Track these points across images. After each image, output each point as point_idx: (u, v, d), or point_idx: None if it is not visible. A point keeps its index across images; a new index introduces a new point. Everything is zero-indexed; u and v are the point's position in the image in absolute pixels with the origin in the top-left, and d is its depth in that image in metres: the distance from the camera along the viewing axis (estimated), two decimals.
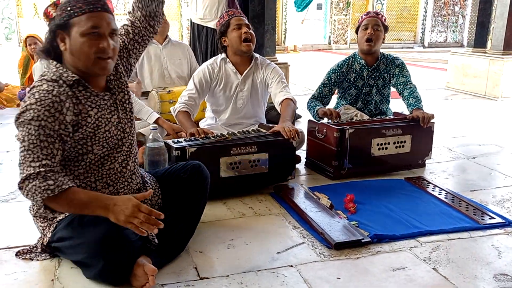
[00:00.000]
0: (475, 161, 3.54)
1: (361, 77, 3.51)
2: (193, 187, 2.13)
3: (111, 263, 1.73)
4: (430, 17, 17.27)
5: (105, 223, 1.70)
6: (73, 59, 1.79)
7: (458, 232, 2.32)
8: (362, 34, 3.45)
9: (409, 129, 3.16)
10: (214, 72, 3.16)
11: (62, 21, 1.75)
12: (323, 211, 2.46)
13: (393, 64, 3.52)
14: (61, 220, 1.85)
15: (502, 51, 6.38)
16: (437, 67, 10.52)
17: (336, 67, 3.54)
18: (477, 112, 5.57)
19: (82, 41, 1.75)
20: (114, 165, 1.92)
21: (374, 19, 3.42)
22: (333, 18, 16.12)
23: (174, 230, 2.00)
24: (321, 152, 3.13)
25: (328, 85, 3.52)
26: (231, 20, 3.07)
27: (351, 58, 3.56)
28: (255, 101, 3.26)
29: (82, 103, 1.80)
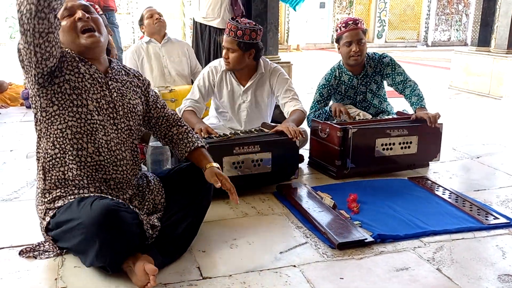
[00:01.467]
0: (479, 160, 3.52)
1: (351, 87, 3.46)
2: (197, 188, 2.13)
3: (108, 243, 1.71)
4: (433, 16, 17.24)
5: (102, 204, 1.72)
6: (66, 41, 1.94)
7: (462, 232, 2.30)
8: (346, 50, 3.33)
9: (416, 130, 3.13)
10: (216, 78, 3.13)
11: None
12: (326, 211, 2.45)
13: (382, 64, 3.42)
14: (60, 207, 1.87)
15: (506, 50, 6.36)
16: (440, 66, 10.50)
17: (325, 81, 3.48)
18: (481, 111, 5.56)
19: (63, 25, 1.90)
20: (107, 139, 1.96)
21: (355, 32, 3.29)
22: (336, 17, 16.10)
23: (178, 231, 2.00)
24: (324, 151, 3.12)
25: (322, 101, 3.48)
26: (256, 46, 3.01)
27: (337, 69, 3.48)
28: (259, 111, 3.23)
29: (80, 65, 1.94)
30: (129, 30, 13.73)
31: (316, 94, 3.51)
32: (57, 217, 1.87)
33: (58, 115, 1.89)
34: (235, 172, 2.66)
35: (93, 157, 1.93)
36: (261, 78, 3.15)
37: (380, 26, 16.63)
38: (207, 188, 2.16)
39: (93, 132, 1.92)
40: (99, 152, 1.94)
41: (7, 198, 2.70)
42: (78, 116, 1.90)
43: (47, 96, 1.87)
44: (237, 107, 3.19)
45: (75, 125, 1.90)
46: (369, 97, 3.50)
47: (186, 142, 2.19)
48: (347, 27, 3.32)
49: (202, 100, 3.13)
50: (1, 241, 2.17)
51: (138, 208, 2.00)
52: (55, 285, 1.82)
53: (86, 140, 1.91)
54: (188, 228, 2.06)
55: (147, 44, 4.11)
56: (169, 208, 2.08)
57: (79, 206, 1.80)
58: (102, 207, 1.71)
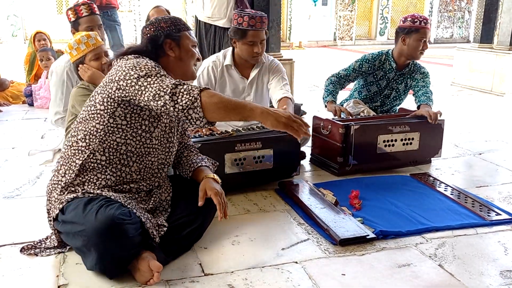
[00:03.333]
0: (481, 157, 3.51)
1: (386, 77, 3.46)
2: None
3: (107, 254, 1.73)
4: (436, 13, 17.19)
5: (107, 215, 1.71)
6: (178, 64, 2.07)
7: (464, 229, 2.30)
8: (416, 45, 3.31)
9: (417, 126, 3.14)
10: (217, 72, 3.12)
11: (172, 32, 2.05)
12: (328, 207, 2.45)
13: (419, 71, 3.48)
14: (69, 203, 1.85)
15: (509, 47, 6.34)
16: (443, 63, 10.47)
17: (370, 58, 3.45)
18: (484, 108, 5.54)
19: (192, 50, 2.10)
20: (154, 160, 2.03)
21: (429, 32, 3.35)
22: (339, 14, 16.06)
23: (183, 232, 2.01)
24: (326, 148, 3.11)
25: (357, 72, 3.45)
26: (249, 33, 2.93)
27: (384, 55, 3.46)
28: (261, 103, 3.21)
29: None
30: (131, 28, 13.73)
31: (355, 62, 3.46)
32: (64, 215, 1.86)
33: (123, 130, 1.91)
34: (236, 168, 2.66)
35: (133, 175, 1.98)
36: (262, 69, 3.15)
37: (383, 23, 16.58)
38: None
39: (144, 155, 1.97)
40: (139, 172, 1.99)
41: (9, 196, 2.70)
42: (139, 139, 1.95)
43: (125, 110, 1.90)
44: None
45: (132, 145, 1.94)
46: (393, 96, 3.51)
47: (193, 162, 2.19)
48: (426, 24, 3.33)
49: None
50: (3, 238, 2.17)
51: (144, 200, 2.01)
52: (57, 282, 1.82)
53: (134, 160, 1.96)
54: (193, 231, 2.06)
55: None
56: (177, 209, 2.06)
57: (84, 211, 1.78)
58: (106, 218, 1.70)
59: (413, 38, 3.32)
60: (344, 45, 15.91)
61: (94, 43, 2.67)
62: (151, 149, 1.99)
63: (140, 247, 1.83)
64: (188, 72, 2.10)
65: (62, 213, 1.87)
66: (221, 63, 3.13)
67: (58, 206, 1.89)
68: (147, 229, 1.84)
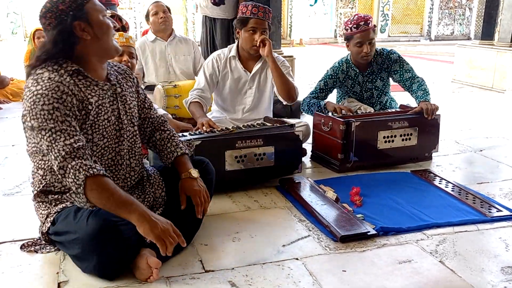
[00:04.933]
0: (482, 153, 3.51)
1: (357, 82, 3.45)
2: None
3: (105, 258, 1.73)
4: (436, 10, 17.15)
5: (98, 219, 1.69)
6: (97, 44, 1.82)
7: (465, 225, 2.29)
8: (356, 50, 3.28)
9: (416, 122, 3.14)
10: (221, 64, 3.14)
11: (76, 12, 1.77)
12: (328, 204, 2.45)
13: (390, 60, 3.39)
14: (59, 213, 1.84)
15: (509, 43, 6.33)
16: (443, 60, 10.46)
17: (332, 72, 3.44)
18: (484, 104, 5.53)
19: (105, 22, 1.84)
20: (113, 156, 1.92)
21: (367, 33, 3.24)
22: (339, 11, 16.04)
23: (179, 225, 1.97)
24: (327, 145, 3.11)
25: (325, 90, 3.45)
26: (250, 20, 2.98)
27: (344, 63, 3.44)
28: (263, 98, 3.24)
29: (83, 91, 1.80)
30: (131, 25, 13.70)
31: (320, 82, 3.46)
32: (55, 226, 1.85)
33: None
34: (237, 166, 2.65)
35: None
36: (265, 63, 3.15)
37: (383, 21, 16.56)
38: (208, 180, 2.14)
39: (99, 160, 1.86)
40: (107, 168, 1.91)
41: (9, 193, 2.70)
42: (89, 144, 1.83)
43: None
44: (243, 93, 3.19)
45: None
46: (376, 94, 3.49)
47: (169, 151, 2.09)
48: (359, 28, 3.25)
49: (208, 88, 3.12)
50: (3, 235, 2.17)
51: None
52: (57, 279, 1.82)
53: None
54: (190, 222, 2.05)
55: (153, 42, 4.07)
56: (171, 202, 2.06)
57: (75, 218, 1.76)
58: (98, 222, 1.68)
59: (352, 44, 3.32)
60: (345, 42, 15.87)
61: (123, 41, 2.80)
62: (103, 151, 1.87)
63: (139, 245, 1.83)
64: (110, 48, 1.87)
65: (53, 224, 1.86)
66: (226, 55, 3.16)
67: (49, 219, 1.88)
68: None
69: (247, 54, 3.13)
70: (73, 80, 1.79)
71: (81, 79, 1.82)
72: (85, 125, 1.80)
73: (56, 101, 1.69)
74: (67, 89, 1.74)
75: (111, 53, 1.90)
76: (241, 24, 3.03)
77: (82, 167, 1.67)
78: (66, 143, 1.68)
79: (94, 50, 1.84)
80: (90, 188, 1.67)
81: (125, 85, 2.01)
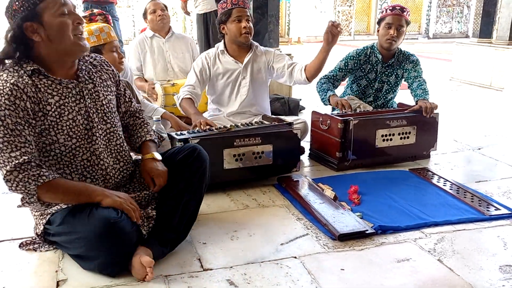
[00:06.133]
0: (480, 152, 3.51)
1: (374, 70, 3.47)
2: (191, 170, 2.02)
3: (110, 255, 1.73)
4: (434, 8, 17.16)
5: (100, 218, 1.69)
6: (51, 46, 1.76)
7: (463, 223, 2.30)
8: (384, 32, 3.36)
9: (414, 120, 3.14)
10: (211, 61, 3.17)
11: (27, 12, 1.70)
12: (327, 202, 2.45)
13: (408, 60, 3.48)
14: (54, 214, 1.83)
15: (507, 41, 6.33)
16: (442, 58, 10.47)
17: (355, 54, 3.48)
18: (483, 102, 5.54)
19: (59, 22, 1.73)
20: (88, 156, 1.88)
21: (398, 18, 3.32)
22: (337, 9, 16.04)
23: (175, 217, 1.95)
24: (325, 143, 3.11)
25: (344, 70, 3.47)
26: (233, 11, 3.04)
27: (369, 48, 3.50)
28: (258, 88, 3.25)
29: (42, 91, 1.77)
30: (129, 23, 13.69)
31: (341, 62, 3.49)
32: (53, 227, 1.84)
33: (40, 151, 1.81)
34: (236, 164, 2.65)
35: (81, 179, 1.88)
36: (256, 54, 3.20)
37: None
38: (202, 170, 2.05)
39: (71, 161, 1.85)
40: (84, 176, 1.89)
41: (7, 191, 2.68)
42: (53, 154, 1.82)
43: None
44: (238, 85, 3.20)
45: (53, 163, 1.83)
46: (385, 89, 3.51)
47: (138, 135, 2.13)
48: (393, 11, 3.36)
49: (199, 84, 3.14)
50: (2, 234, 2.17)
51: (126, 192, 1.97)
52: (56, 277, 1.82)
53: (68, 172, 1.86)
54: (186, 213, 1.99)
55: (151, 38, 4.07)
56: (164, 193, 2.00)
57: (75, 218, 1.76)
58: (100, 220, 1.68)
59: (381, 26, 3.41)
60: (343, 40, 15.88)
61: (105, 38, 2.67)
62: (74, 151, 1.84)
63: (137, 242, 1.83)
64: (68, 49, 1.78)
65: (48, 224, 1.85)
66: (214, 52, 3.21)
67: (42, 221, 1.87)
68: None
69: (236, 47, 3.16)
70: (31, 80, 1.75)
71: (41, 79, 1.78)
72: (45, 126, 1.77)
73: (8, 107, 1.67)
74: (21, 92, 1.70)
75: (72, 53, 1.82)
76: (225, 17, 3.07)
77: (30, 177, 1.67)
78: (12, 155, 1.66)
79: (50, 51, 1.78)
80: (44, 194, 1.71)
81: (98, 79, 1.96)
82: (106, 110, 1.95)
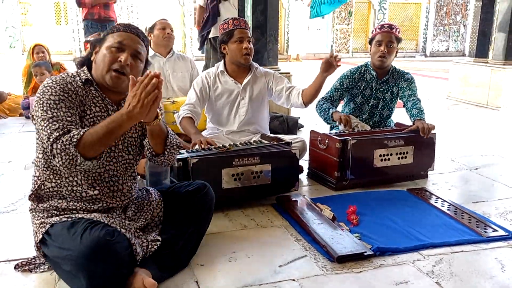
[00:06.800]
0: (477, 172, 3.52)
1: (369, 87, 3.52)
2: (198, 206, 2.12)
3: (97, 276, 1.70)
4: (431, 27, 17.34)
5: (92, 237, 1.69)
6: (95, 68, 1.95)
7: (461, 245, 2.30)
8: (375, 50, 3.44)
9: (412, 140, 3.16)
10: (211, 81, 3.21)
11: (101, 37, 1.99)
12: (325, 223, 2.45)
13: (402, 78, 3.53)
14: (53, 225, 1.84)
15: (503, 61, 6.40)
16: (439, 76, 10.55)
17: (349, 73, 3.55)
18: (479, 122, 5.57)
19: (105, 52, 1.92)
20: (102, 171, 1.93)
21: (388, 35, 3.40)
22: (335, 27, 16.19)
23: (177, 246, 1.99)
24: (323, 162, 3.12)
25: (340, 90, 3.52)
26: (235, 32, 3.08)
27: (363, 66, 3.57)
28: (256, 108, 3.28)
29: (88, 98, 1.91)
30: None
31: (336, 82, 3.56)
32: (49, 240, 1.84)
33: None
34: (234, 183, 2.66)
35: (88, 192, 1.92)
36: (255, 75, 3.24)
37: None
38: (208, 207, 2.16)
39: (87, 171, 1.90)
40: (93, 187, 1.92)
41: (5, 211, 2.68)
42: None
43: None
44: (237, 105, 3.23)
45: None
46: (380, 105, 3.54)
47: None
48: (382, 29, 3.46)
49: (199, 103, 3.17)
50: None
51: (132, 219, 2.00)
52: None
53: (80, 178, 1.90)
54: (188, 244, 2.05)
55: (152, 58, 4.09)
56: (168, 223, 2.06)
57: (69, 233, 1.76)
58: (92, 241, 1.68)
59: (373, 45, 3.49)
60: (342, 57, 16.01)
61: None
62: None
63: (133, 264, 1.82)
64: (101, 76, 1.92)
65: (48, 235, 1.85)
66: (214, 72, 3.25)
67: (41, 230, 1.88)
68: (132, 244, 1.82)
69: (235, 68, 3.20)
70: (83, 87, 1.91)
71: (91, 89, 1.93)
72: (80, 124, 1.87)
73: (62, 94, 1.82)
74: (72, 90, 1.86)
75: (104, 81, 1.92)
76: (227, 38, 3.11)
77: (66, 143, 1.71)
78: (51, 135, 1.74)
79: (94, 72, 1.95)
80: (84, 150, 1.73)
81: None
82: (132, 142, 2.04)
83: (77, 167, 1.77)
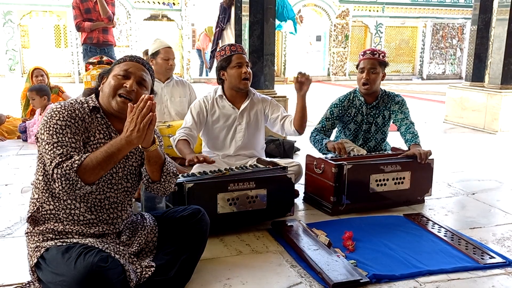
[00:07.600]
0: (474, 197, 3.52)
1: (360, 112, 3.54)
2: (193, 231, 2.12)
3: None
4: (428, 50, 17.51)
5: (85, 263, 1.69)
6: (102, 95, 2.01)
7: (458, 272, 2.28)
8: (359, 76, 3.49)
9: (408, 166, 3.16)
10: (208, 105, 3.23)
11: (109, 68, 2.07)
12: (321, 249, 2.43)
13: (393, 101, 3.55)
14: (48, 251, 1.84)
15: (499, 85, 6.45)
16: (435, 99, 10.61)
17: (338, 101, 3.58)
18: (476, 146, 5.58)
19: (111, 80, 2.00)
20: (102, 198, 1.96)
21: (369, 61, 3.43)
22: (332, 50, 16.35)
23: (171, 273, 1.98)
24: (319, 187, 3.12)
25: (331, 119, 3.55)
26: (233, 57, 3.12)
27: (352, 93, 3.60)
28: (253, 133, 3.30)
29: (94, 125, 1.96)
30: None
31: (327, 111, 3.60)
32: (44, 265, 1.84)
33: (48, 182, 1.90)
34: (230, 208, 2.65)
35: (85, 215, 1.93)
36: (253, 101, 3.28)
37: None
38: (202, 233, 2.16)
39: (86, 195, 1.92)
40: (91, 211, 1.94)
41: (0, 235, 2.67)
42: None
43: None
44: (233, 130, 3.25)
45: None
46: (373, 130, 3.56)
47: None
48: (364, 55, 3.49)
49: (195, 127, 3.18)
50: None
51: (126, 244, 1.99)
52: None
53: (79, 200, 1.92)
54: (182, 270, 2.03)
55: None
56: (162, 249, 2.06)
57: (64, 258, 1.76)
58: (85, 267, 1.68)
59: (358, 72, 3.53)
60: (338, 80, 16.13)
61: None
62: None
63: None
64: (108, 104, 1.99)
65: (43, 259, 1.85)
66: (212, 96, 3.27)
67: (36, 254, 1.87)
68: (126, 270, 1.81)
69: (234, 93, 3.23)
70: (90, 114, 1.97)
71: (98, 117, 1.98)
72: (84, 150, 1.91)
73: (69, 119, 1.87)
74: (79, 116, 1.91)
75: (111, 108, 1.99)
76: (225, 63, 3.15)
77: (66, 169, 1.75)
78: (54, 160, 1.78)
79: (102, 99, 2.02)
80: (84, 175, 1.78)
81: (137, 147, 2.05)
82: (132, 171, 2.07)
83: (76, 192, 1.79)
